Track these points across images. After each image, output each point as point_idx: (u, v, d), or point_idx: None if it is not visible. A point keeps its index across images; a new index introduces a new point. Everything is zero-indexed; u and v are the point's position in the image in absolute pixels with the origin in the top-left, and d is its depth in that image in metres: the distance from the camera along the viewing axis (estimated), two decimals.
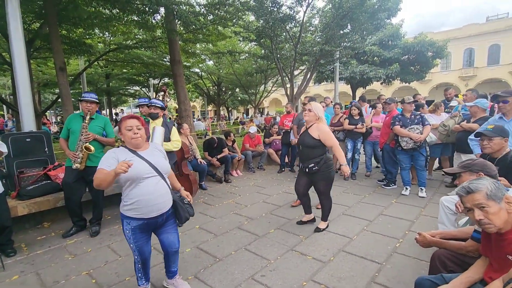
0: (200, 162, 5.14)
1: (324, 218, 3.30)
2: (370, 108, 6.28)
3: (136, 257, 1.99)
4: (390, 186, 4.83)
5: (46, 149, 4.17)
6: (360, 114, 5.34)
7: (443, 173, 5.35)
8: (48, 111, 15.23)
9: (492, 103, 4.46)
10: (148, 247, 2.02)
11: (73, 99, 8.47)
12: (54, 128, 14.92)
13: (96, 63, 12.30)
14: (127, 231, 1.92)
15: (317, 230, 3.24)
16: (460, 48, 26.95)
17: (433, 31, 25.21)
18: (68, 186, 3.19)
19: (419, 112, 4.43)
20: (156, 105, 3.57)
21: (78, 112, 3.45)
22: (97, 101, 3.27)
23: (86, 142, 3.08)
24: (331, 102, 6.90)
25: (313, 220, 3.45)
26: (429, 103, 6.05)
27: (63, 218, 3.62)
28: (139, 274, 2.07)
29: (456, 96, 5.76)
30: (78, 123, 3.19)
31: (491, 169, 1.69)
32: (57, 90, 15.75)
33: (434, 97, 23.24)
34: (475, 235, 1.62)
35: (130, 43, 9.90)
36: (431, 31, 22.91)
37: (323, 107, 5.83)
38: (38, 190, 3.48)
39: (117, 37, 10.38)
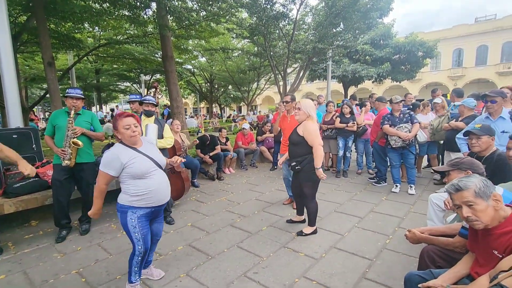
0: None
1: (310, 223, 3.14)
2: (359, 107, 6.36)
3: (139, 247, 2.01)
4: (381, 183, 4.90)
5: (34, 145, 4.07)
6: (351, 112, 5.39)
7: (432, 171, 5.47)
8: (35, 107, 14.87)
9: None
10: (150, 236, 2.11)
11: (61, 95, 8.28)
12: (42, 124, 14.58)
13: (85, 58, 12.02)
14: (132, 221, 1.97)
15: (299, 233, 3.12)
16: (450, 48, 27.47)
17: (424, 31, 25.59)
18: (59, 183, 3.10)
19: (408, 111, 4.49)
20: (151, 102, 3.51)
21: (63, 108, 3.30)
22: (83, 97, 3.17)
23: (74, 137, 3.01)
24: (324, 100, 6.94)
25: (303, 221, 3.37)
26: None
27: (51, 216, 3.55)
28: (136, 269, 2.08)
29: (444, 96, 5.87)
30: (64, 119, 3.09)
31: (478, 167, 1.73)
32: (45, 85, 15.38)
33: (424, 96, 23.64)
34: (462, 231, 1.66)
35: (121, 38, 9.71)
36: (421, 31, 23.23)
37: (316, 105, 5.87)
38: (25, 188, 3.38)
39: (107, 32, 10.18)
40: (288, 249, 2.84)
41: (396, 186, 4.56)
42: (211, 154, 5.69)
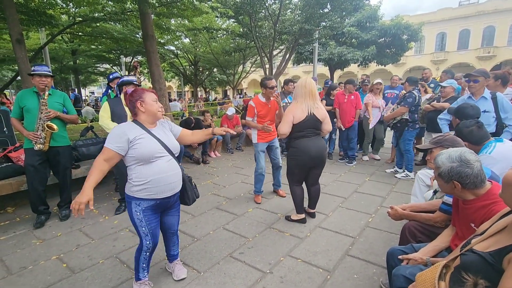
0: None
1: (296, 209, 3.02)
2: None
3: (147, 242, 1.83)
4: (352, 162, 5.15)
5: (5, 129, 3.85)
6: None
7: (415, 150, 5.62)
8: (7, 90, 14.02)
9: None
10: (159, 230, 1.94)
11: None
12: None
13: (60, 37, 11.28)
14: (137, 213, 1.77)
15: (287, 218, 3.07)
16: (433, 32, 27.78)
17: (409, 14, 25.66)
18: (33, 169, 2.94)
19: (407, 93, 4.38)
20: (134, 82, 3.28)
21: (31, 88, 3.00)
22: (52, 74, 2.93)
23: (48, 121, 2.83)
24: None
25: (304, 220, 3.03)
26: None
27: (28, 202, 3.40)
28: (144, 265, 1.89)
29: (434, 78, 6.04)
30: (33, 100, 2.87)
31: (460, 144, 1.76)
32: (16, 67, 14.42)
33: None
34: (443, 207, 1.71)
35: (98, 15, 9.12)
36: (407, 14, 23.28)
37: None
38: None
39: (82, 8, 9.52)
40: (274, 229, 2.86)
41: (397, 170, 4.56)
42: None
